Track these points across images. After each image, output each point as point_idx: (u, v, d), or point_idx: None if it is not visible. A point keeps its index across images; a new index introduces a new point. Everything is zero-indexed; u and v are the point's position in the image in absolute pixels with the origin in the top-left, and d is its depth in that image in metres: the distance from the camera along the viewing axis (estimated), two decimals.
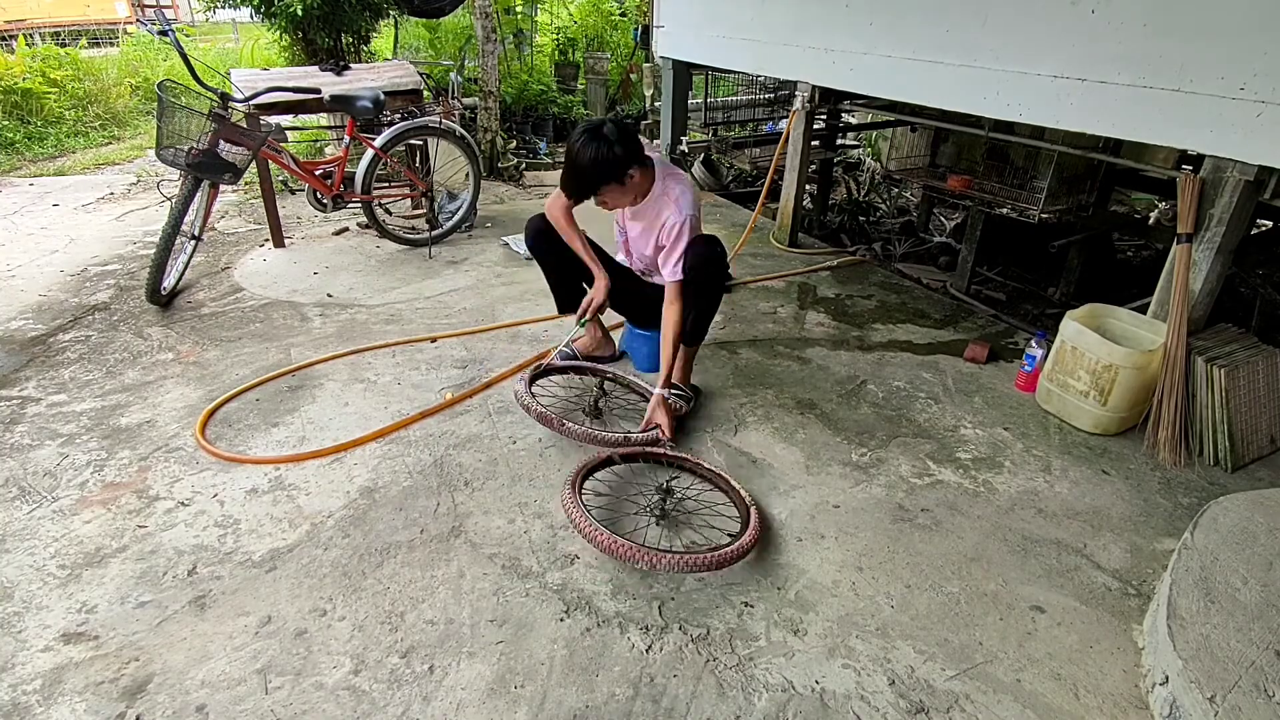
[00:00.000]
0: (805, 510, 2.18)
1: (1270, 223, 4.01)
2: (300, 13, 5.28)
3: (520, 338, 3.17)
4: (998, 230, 4.09)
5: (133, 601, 1.83)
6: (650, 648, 1.72)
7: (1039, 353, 2.75)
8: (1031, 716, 1.57)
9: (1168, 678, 1.55)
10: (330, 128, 5.51)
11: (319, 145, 5.71)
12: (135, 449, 2.41)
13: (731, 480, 2.20)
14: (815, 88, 3.93)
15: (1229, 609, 1.63)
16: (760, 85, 5.50)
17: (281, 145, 3.75)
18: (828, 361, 3.03)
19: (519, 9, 7.90)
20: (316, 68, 4.41)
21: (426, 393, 2.74)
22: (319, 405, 2.66)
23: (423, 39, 7.69)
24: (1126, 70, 2.49)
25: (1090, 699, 1.62)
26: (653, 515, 2.09)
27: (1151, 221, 4.81)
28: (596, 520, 1.90)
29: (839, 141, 5.71)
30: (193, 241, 3.56)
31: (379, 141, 3.84)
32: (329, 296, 3.55)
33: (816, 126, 4.61)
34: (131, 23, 11.71)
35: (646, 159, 2.40)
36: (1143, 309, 2.73)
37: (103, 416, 2.58)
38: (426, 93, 4.45)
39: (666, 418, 2.41)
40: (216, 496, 2.20)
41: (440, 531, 2.07)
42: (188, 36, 10.62)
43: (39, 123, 6.87)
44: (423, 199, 4.27)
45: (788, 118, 4.30)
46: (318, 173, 3.85)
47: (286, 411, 2.62)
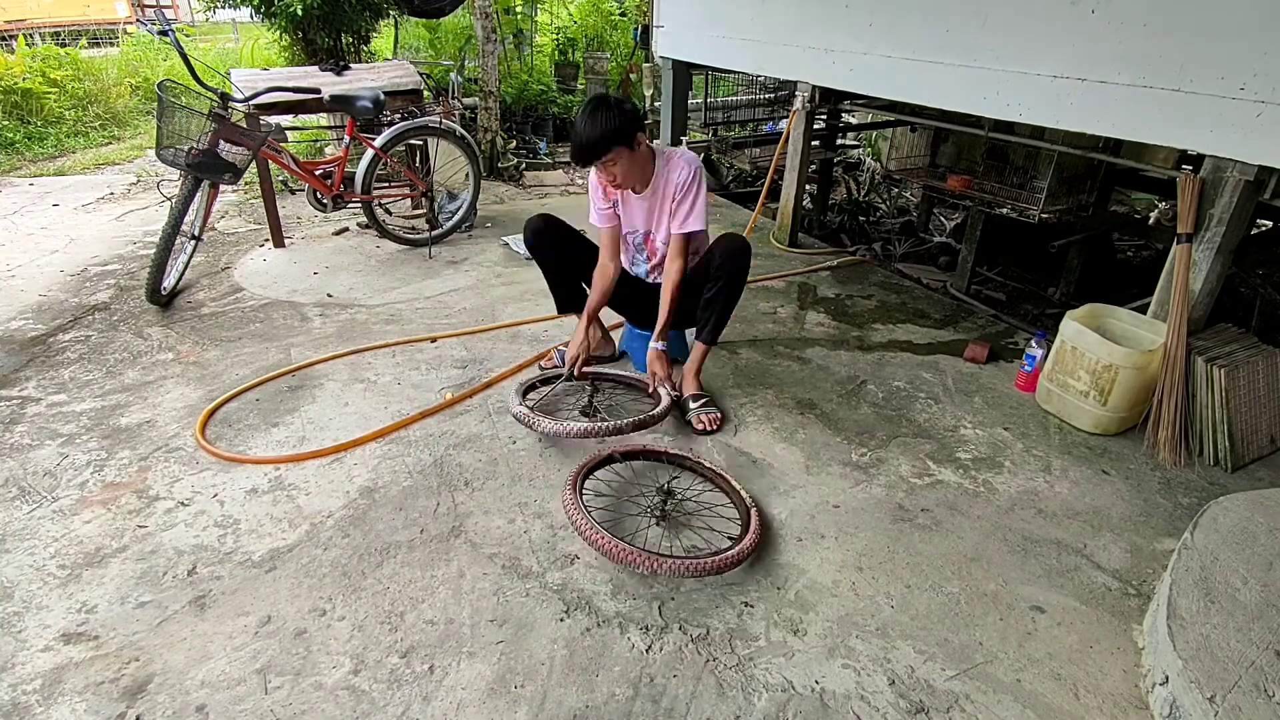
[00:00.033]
0: (805, 510, 2.18)
1: (1270, 223, 4.01)
2: (300, 13, 5.28)
3: (520, 338, 3.17)
4: (998, 230, 4.09)
5: (133, 601, 1.83)
6: (650, 648, 1.72)
7: (1039, 353, 2.75)
8: (1031, 716, 1.57)
9: (1168, 678, 1.55)
10: (330, 128, 5.52)
11: (319, 145, 5.71)
12: (135, 449, 2.41)
13: (732, 480, 2.20)
14: (815, 88, 3.93)
15: (1229, 609, 1.63)
16: (760, 85, 5.50)
17: (281, 145, 3.75)
18: (828, 361, 3.03)
19: (519, 9, 7.90)
20: (316, 68, 4.41)
21: (426, 393, 2.74)
22: (319, 405, 2.66)
23: (423, 39, 7.69)
24: (1126, 70, 2.49)
25: (1090, 699, 1.62)
26: (653, 516, 2.10)
27: (1151, 221, 4.81)
28: (598, 522, 1.91)
29: (839, 141, 5.72)
30: (193, 241, 3.56)
31: (379, 141, 3.84)
32: (329, 296, 3.55)
33: (816, 126, 4.61)
34: (131, 23, 11.71)
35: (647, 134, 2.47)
36: (1143, 309, 2.73)
37: (103, 416, 2.58)
38: (426, 93, 4.45)
39: (663, 368, 2.57)
40: (216, 496, 2.20)
41: (440, 531, 2.07)
42: (188, 36, 10.62)
43: (39, 123, 6.87)
44: (423, 199, 4.27)
45: (788, 118, 4.30)
46: (318, 173, 3.85)
47: (286, 411, 2.62)
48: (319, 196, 3.88)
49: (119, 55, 9.01)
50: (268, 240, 4.20)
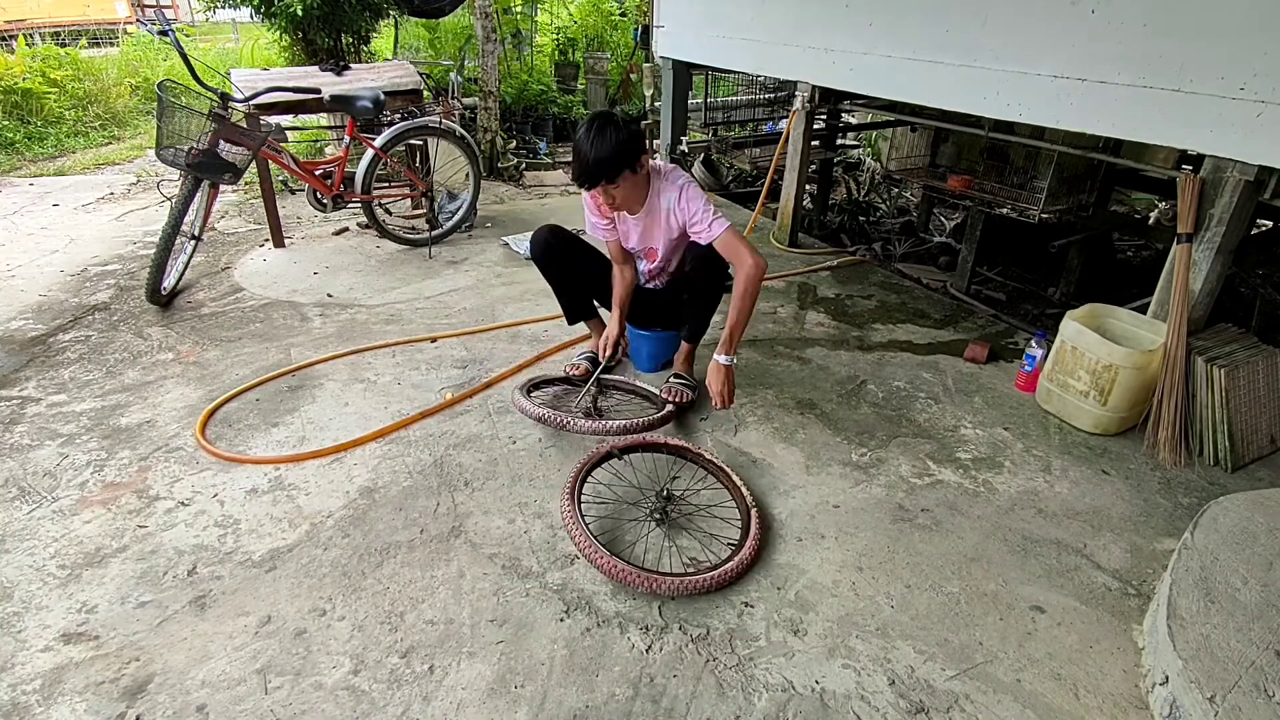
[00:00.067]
0: (805, 510, 2.18)
1: (1270, 223, 4.01)
2: (300, 13, 5.28)
3: (520, 338, 3.17)
4: (998, 230, 4.09)
5: (133, 601, 1.83)
6: (650, 648, 1.72)
7: (1039, 353, 2.75)
8: (1031, 716, 1.57)
9: (1168, 678, 1.55)
10: (330, 128, 5.52)
11: (319, 145, 5.71)
12: (135, 449, 2.41)
13: (732, 474, 2.20)
14: (815, 88, 3.93)
15: (1229, 609, 1.63)
16: (760, 85, 5.50)
17: (281, 145, 3.75)
18: (828, 361, 3.03)
19: (518, 9, 7.90)
20: (316, 68, 4.41)
21: (426, 393, 2.74)
22: (319, 405, 2.66)
23: (423, 39, 7.69)
24: (1126, 70, 2.49)
25: (1090, 699, 1.62)
26: (653, 519, 2.10)
27: (1151, 221, 4.81)
28: (595, 536, 1.91)
29: (839, 141, 5.71)
30: (193, 241, 3.56)
31: (379, 141, 3.84)
32: (329, 296, 3.55)
33: (816, 126, 4.61)
34: (131, 23, 11.71)
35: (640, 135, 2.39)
36: (1143, 309, 2.73)
37: (103, 416, 2.58)
38: (426, 93, 4.45)
39: (718, 382, 2.37)
40: (216, 496, 2.20)
41: (440, 531, 2.07)
42: (188, 36, 10.62)
43: (39, 123, 6.87)
44: (423, 199, 4.27)
45: (788, 118, 4.30)
46: (318, 173, 3.85)
47: (286, 411, 2.62)
48: (319, 196, 3.88)
49: (119, 55, 9.00)
50: (268, 240, 4.20)
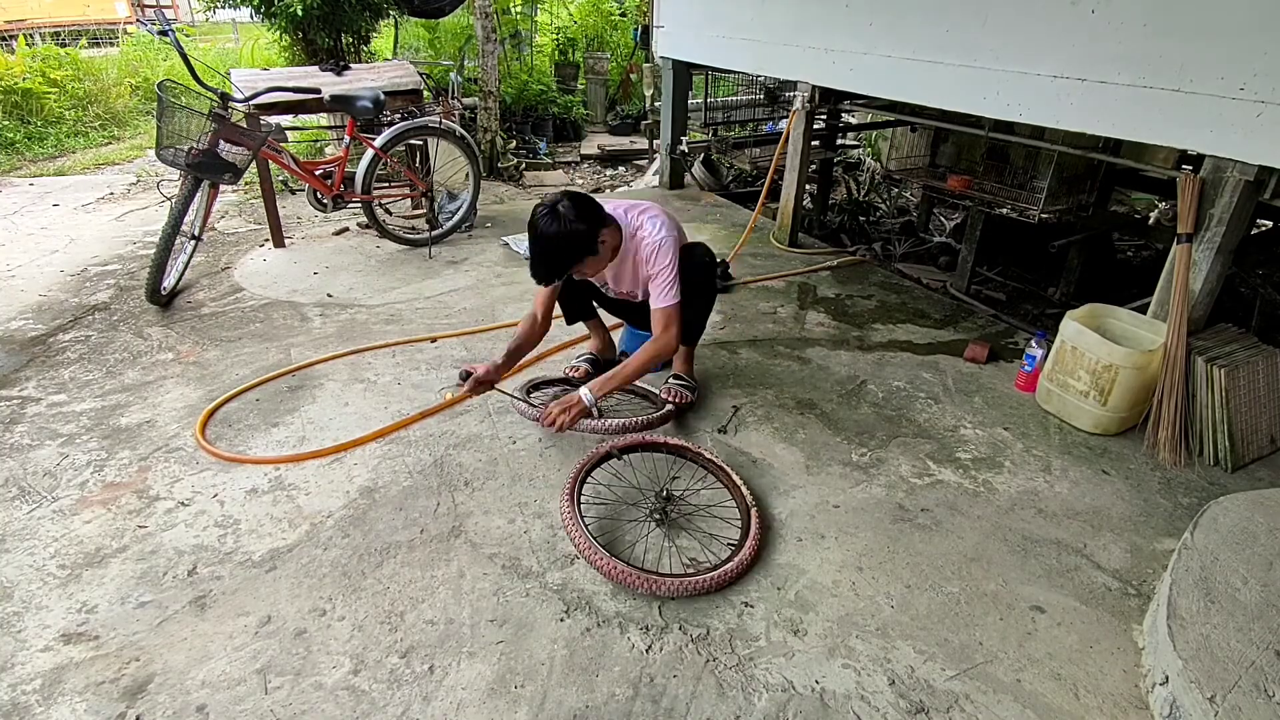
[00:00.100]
0: (805, 510, 2.18)
1: (1270, 223, 4.01)
2: (300, 13, 5.28)
3: None
4: (998, 230, 4.09)
5: (133, 601, 1.83)
6: (650, 648, 1.72)
7: (1039, 353, 2.75)
8: (1031, 716, 1.57)
9: (1168, 678, 1.55)
10: (330, 128, 5.52)
11: (319, 145, 5.71)
12: (135, 449, 2.41)
13: (732, 473, 2.20)
14: (815, 88, 3.93)
15: (1229, 609, 1.63)
16: (760, 85, 5.50)
17: (281, 145, 3.75)
18: (828, 361, 3.03)
19: (518, 9, 7.90)
20: (316, 68, 4.41)
21: (426, 393, 2.74)
22: (319, 405, 2.66)
23: (423, 39, 7.69)
24: (1126, 70, 2.49)
25: (1090, 699, 1.62)
26: (653, 519, 2.10)
27: (1151, 221, 4.80)
28: (595, 537, 1.92)
29: (839, 141, 5.71)
30: (193, 241, 3.56)
31: (379, 141, 3.84)
32: (329, 296, 3.55)
33: (816, 126, 4.61)
34: (131, 23, 11.71)
35: (609, 218, 2.31)
36: (1143, 309, 2.73)
37: (103, 416, 2.58)
38: (426, 93, 4.45)
39: (558, 409, 2.22)
40: (216, 496, 2.20)
41: (440, 531, 2.07)
42: (188, 36, 10.63)
43: (39, 123, 6.87)
44: (423, 199, 4.27)
45: (788, 118, 4.30)
46: (318, 173, 3.85)
47: (286, 411, 2.62)
48: (319, 196, 3.88)
49: (119, 55, 9.01)
50: (268, 240, 4.20)
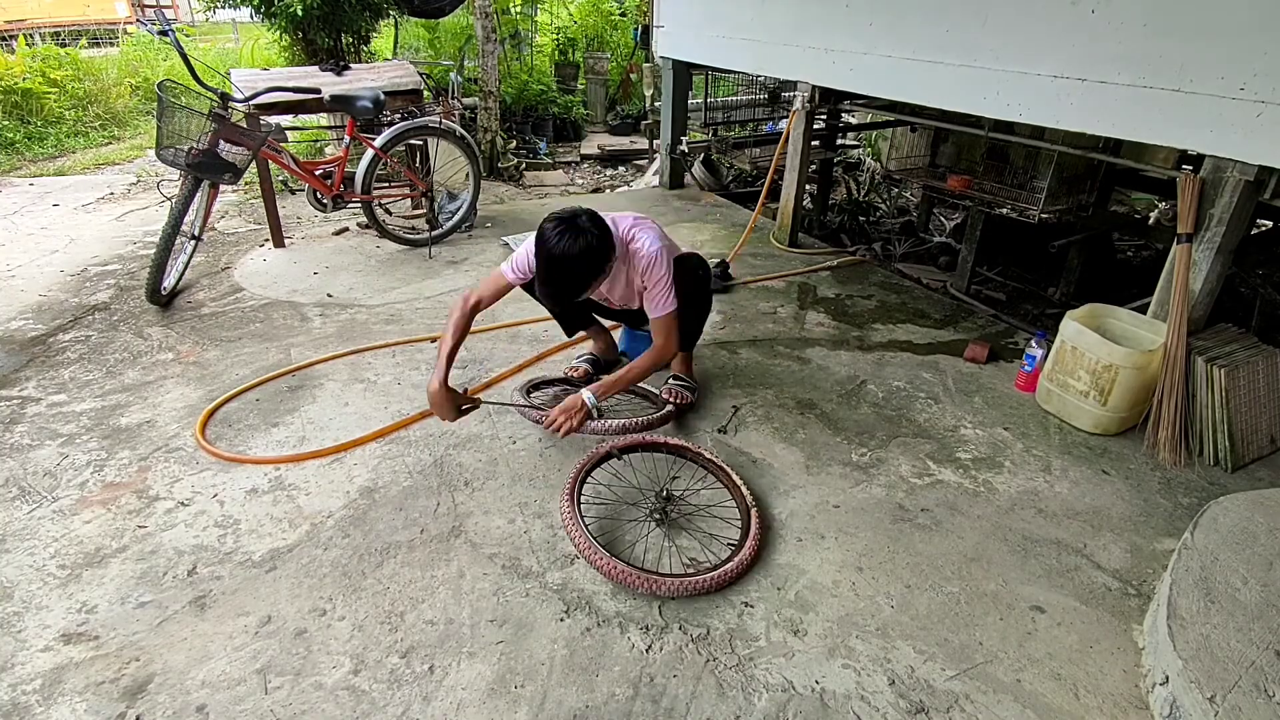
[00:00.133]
0: (805, 510, 2.18)
1: (1270, 223, 4.01)
2: (300, 13, 5.28)
3: (520, 338, 3.17)
4: (998, 230, 4.09)
5: (133, 601, 1.83)
6: (650, 648, 1.72)
7: (1039, 353, 2.75)
8: (1031, 716, 1.57)
9: (1168, 678, 1.55)
10: (330, 128, 5.52)
11: (319, 145, 5.71)
12: (135, 449, 2.41)
13: (732, 473, 2.20)
14: (815, 88, 3.93)
15: (1229, 609, 1.63)
16: (760, 85, 5.50)
17: (281, 145, 3.75)
18: (828, 361, 3.03)
19: (518, 9, 7.90)
20: (316, 68, 4.41)
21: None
22: (319, 405, 2.66)
23: (423, 39, 7.69)
24: (1126, 70, 2.49)
25: (1090, 699, 1.62)
26: (653, 519, 2.10)
27: (1151, 221, 4.81)
28: (595, 537, 1.92)
29: (839, 141, 5.71)
30: (193, 241, 3.56)
31: (379, 141, 3.84)
32: (329, 296, 3.55)
33: (816, 126, 4.61)
34: (131, 23, 11.71)
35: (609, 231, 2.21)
36: (1143, 309, 2.73)
37: (103, 416, 2.58)
38: (426, 93, 4.45)
39: (561, 414, 2.19)
40: (216, 496, 2.20)
41: (440, 531, 2.07)
42: (188, 36, 10.63)
43: (39, 123, 6.87)
44: (423, 199, 4.27)
45: (788, 118, 4.30)
46: (318, 173, 3.85)
47: (286, 411, 2.62)
48: (319, 196, 3.88)
49: (119, 55, 9.01)
50: (268, 240, 4.20)
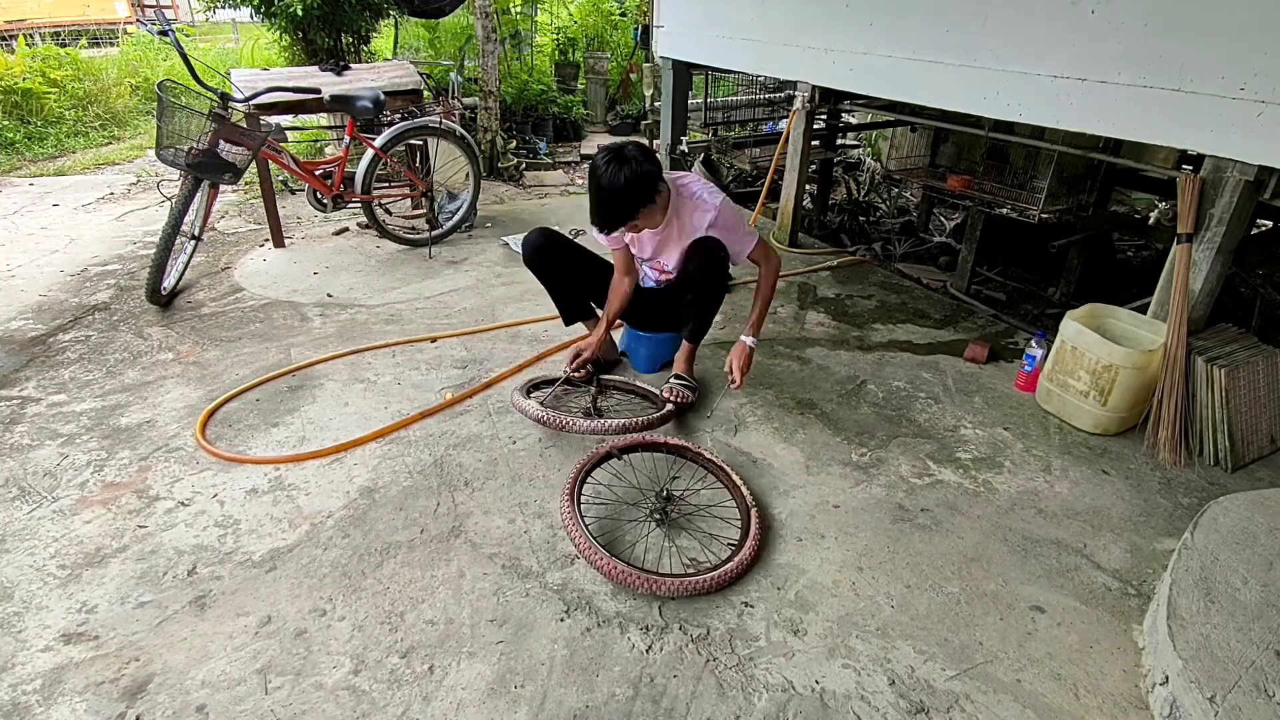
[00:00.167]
0: (805, 510, 2.18)
1: (1270, 223, 4.01)
2: (300, 13, 5.28)
3: (520, 338, 3.17)
4: (998, 230, 4.08)
5: (133, 601, 1.83)
6: (650, 648, 1.72)
7: (1039, 353, 2.75)
8: (1031, 716, 1.57)
9: (1168, 678, 1.55)
10: (330, 128, 5.52)
11: (319, 145, 5.71)
12: (135, 449, 2.41)
13: (732, 473, 2.20)
14: (815, 88, 3.93)
15: (1229, 609, 1.63)
16: (760, 85, 5.50)
17: (281, 145, 3.75)
18: (828, 361, 3.03)
19: (518, 9, 7.90)
20: (316, 68, 4.42)
21: (426, 393, 2.74)
22: (319, 405, 2.66)
23: (423, 39, 7.68)
24: (1126, 70, 2.49)
25: (1090, 699, 1.62)
26: (653, 519, 2.10)
27: (1151, 221, 4.80)
28: (595, 537, 1.92)
29: (839, 141, 5.71)
30: (193, 241, 3.56)
31: (379, 141, 3.84)
32: (329, 296, 3.55)
33: (816, 126, 4.60)
34: (131, 23, 11.71)
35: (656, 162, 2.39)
36: (1143, 309, 2.73)
37: (103, 416, 2.58)
38: (426, 93, 4.45)
39: (739, 360, 2.49)
40: (216, 496, 2.20)
41: (440, 531, 2.07)
42: (188, 36, 10.62)
43: (39, 123, 6.87)
44: (423, 199, 4.27)
45: (788, 118, 4.30)
46: (318, 173, 3.85)
47: (286, 411, 2.62)
48: (319, 196, 3.88)
49: (119, 55, 9.00)
50: (268, 240, 4.20)
